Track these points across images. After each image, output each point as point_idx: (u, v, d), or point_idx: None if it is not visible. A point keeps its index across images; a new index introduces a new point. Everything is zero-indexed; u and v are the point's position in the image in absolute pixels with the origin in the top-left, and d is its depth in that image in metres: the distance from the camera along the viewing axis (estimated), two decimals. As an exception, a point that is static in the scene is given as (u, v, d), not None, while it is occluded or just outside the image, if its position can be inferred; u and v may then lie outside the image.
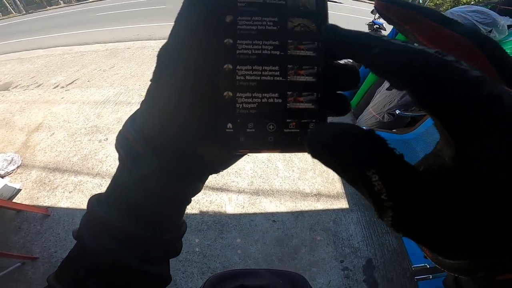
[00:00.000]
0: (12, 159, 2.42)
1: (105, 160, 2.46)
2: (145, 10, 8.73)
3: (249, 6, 0.18)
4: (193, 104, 0.19)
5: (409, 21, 0.15)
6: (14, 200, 2.12)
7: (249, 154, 0.22)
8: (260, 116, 0.18)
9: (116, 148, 0.22)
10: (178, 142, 0.20)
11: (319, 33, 0.19)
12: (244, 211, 2.04)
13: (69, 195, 2.15)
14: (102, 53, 4.89)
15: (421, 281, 1.11)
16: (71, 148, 2.63)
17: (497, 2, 2.70)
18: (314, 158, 0.13)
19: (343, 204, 2.10)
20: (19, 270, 1.68)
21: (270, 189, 2.20)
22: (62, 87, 3.78)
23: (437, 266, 0.15)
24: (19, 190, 2.21)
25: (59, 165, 2.43)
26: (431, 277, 1.08)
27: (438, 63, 0.11)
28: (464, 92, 0.10)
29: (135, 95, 3.45)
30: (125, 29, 6.77)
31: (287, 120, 0.18)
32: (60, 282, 0.23)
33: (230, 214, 2.01)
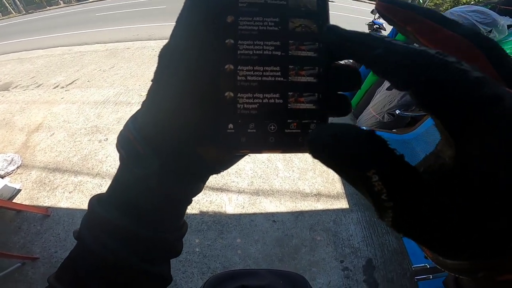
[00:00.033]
0: (12, 160, 2.42)
1: (105, 160, 2.46)
2: (145, 10, 8.73)
3: (250, 6, 0.18)
4: (194, 105, 0.19)
5: (409, 21, 0.15)
6: (14, 201, 2.12)
7: (249, 155, 0.22)
8: (261, 116, 0.18)
9: (117, 148, 0.22)
10: (179, 142, 0.20)
11: (320, 34, 0.18)
12: (244, 211, 2.04)
13: (69, 195, 2.15)
14: (102, 53, 4.88)
15: (421, 281, 1.11)
16: (71, 148, 2.62)
17: (497, 2, 2.70)
18: (315, 159, 0.13)
19: (343, 204, 2.10)
20: (19, 270, 1.68)
21: (270, 189, 2.20)
22: (62, 87, 3.78)
23: (438, 266, 0.15)
24: (19, 191, 2.21)
25: (59, 165, 2.43)
26: (431, 277, 1.08)
27: (439, 64, 0.11)
28: (465, 93, 0.11)
29: (135, 95, 3.45)
30: (125, 29, 6.77)
31: (288, 120, 0.18)
32: (61, 282, 0.23)
33: (230, 214, 2.01)
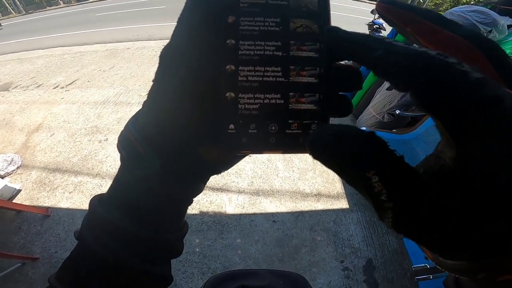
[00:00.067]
0: (12, 160, 2.42)
1: (105, 161, 2.46)
2: (145, 11, 8.73)
3: (251, 6, 0.18)
4: (195, 105, 0.19)
5: (409, 22, 0.15)
6: (14, 201, 2.12)
7: (250, 155, 0.22)
8: (262, 117, 0.18)
9: (118, 149, 0.22)
10: (180, 143, 0.20)
11: (322, 34, 0.18)
12: (244, 211, 2.04)
13: (69, 196, 2.15)
14: (102, 54, 4.88)
15: (421, 281, 1.11)
16: (71, 148, 2.62)
17: (496, 2, 2.70)
18: (315, 159, 0.13)
19: (343, 204, 2.10)
20: (19, 270, 1.68)
21: (270, 189, 2.20)
22: (62, 88, 3.78)
23: (438, 266, 0.15)
24: (19, 191, 2.21)
25: (59, 166, 2.43)
26: (431, 277, 1.08)
27: (440, 65, 0.11)
28: (466, 94, 0.11)
29: (135, 95, 3.45)
30: (124, 29, 6.77)
31: (289, 121, 0.18)
32: (61, 282, 0.23)
33: (230, 215, 2.01)
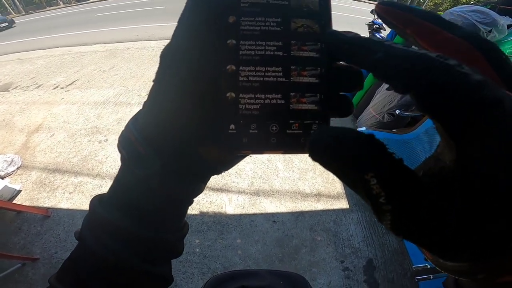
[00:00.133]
0: (12, 160, 2.42)
1: (105, 161, 2.46)
2: (145, 11, 8.74)
3: (252, 6, 0.18)
4: (195, 105, 0.19)
5: (409, 24, 0.15)
6: (14, 201, 2.12)
7: (250, 155, 0.22)
8: (262, 117, 0.18)
9: (119, 149, 0.22)
10: (180, 143, 0.20)
11: (323, 34, 0.18)
12: (244, 211, 2.04)
13: (69, 196, 2.15)
14: (102, 54, 4.89)
15: (422, 281, 1.11)
16: (71, 149, 2.62)
17: (496, 2, 2.70)
18: (315, 161, 0.13)
19: (343, 204, 2.10)
20: (19, 271, 1.68)
21: (270, 189, 2.20)
22: (62, 88, 3.78)
23: (437, 268, 0.15)
24: (19, 191, 2.21)
25: (59, 166, 2.43)
26: (432, 278, 1.08)
27: (440, 67, 0.11)
28: (466, 95, 0.11)
29: (135, 95, 3.45)
30: (124, 29, 6.78)
31: (290, 121, 0.18)
32: (61, 283, 0.23)
33: (230, 215, 2.01)
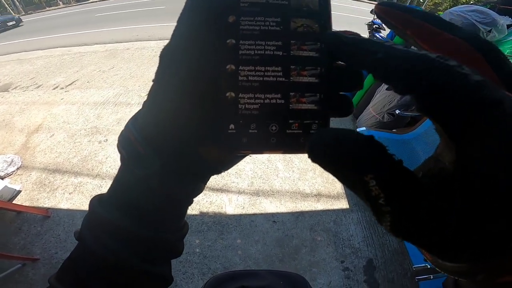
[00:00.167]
0: (12, 161, 2.41)
1: (105, 161, 2.46)
2: (145, 11, 8.74)
3: (251, 6, 0.18)
4: (195, 105, 0.19)
5: (409, 25, 0.15)
6: (14, 202, 2.12)
7: (250, 155, 0.22)
8: (262, 117, 0.18)
9: (118, 149, 0.22)
10: (180, 143, 0.20)
11: (322, 34, 0.18)
12: (244, 211, 2.03)
13: (69, 196, 2.15)
14: (102, 54, 4.89)
15: (422, 281, 1.11)
16: (71, 149, 2.62)
17: (496, 2, 2.70)
18: (314, 162, 0.13)
19: (343, 204, 2.10)
20: (19, 271, 1.68)
21: (270, 189, 2.20)
22: (62, 88, 3.78)
23: (437, 268, 0.15)
24: (19, 192, 2.21)
25: (59, 166, 2.43)
26: (432, 277, 1.08)
27: (440, 68, 0.11)
28: (466, 95, 0.11)
29: (134, 96, 3.45)
30: (124, 29, 6.78)
31: (290, 121, 0.18)
32: (61, 283, 0.23)
33: (230, 215, 2.01)
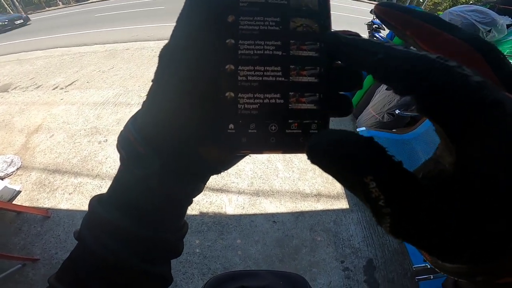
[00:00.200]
0: (12, 161, 2.41)
1: (105, 162, 2.46)
2: (144, 11, 8.74)
3: (251, 6, 0.18)
4: (194, 104, 0.19)
5: (408, 25, 0.15)
6: (14, 202, 2.11)
7: (250, 155, 0.22)
8: (262, 116, 0.18)
9: (118, 149, 0.22)
10: (179, 142, 0.20)
11: (322, 34, 0.18)
12: (244, 212, 2.03)
13: (69, 197, 2.14)
14: (101, 54, 4.88)
15: (422, 281, 1.11)
16: (70, 149, 2.62)
17: (495, 2, 2.71)
18: (314, 164, 0.13)
19: (343, 204, 2.10)
20: (19, 271, 1.67)
21: (270, 189, 2.20)
22: (61, 89, 3.78)
23: (437, 269, 0.15)
24: (19, 192, 2.21)
25: (59, 167, 2.43)
26: (432, 278, 1.08)
27: (440, 69, 0.11)
28: (466, 96, 0.10)
29: (134, 96, 3.44)
30: (124, 30, 6.78)
31: (289, 120, 0.18)
32: (61, 282, 0.23)
33: (230, 215, 2.01)
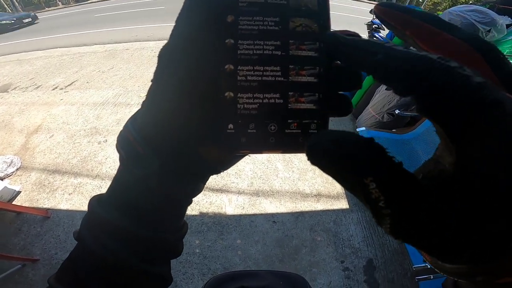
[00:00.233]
0: (12, 161, 2.41)
1: (105, 162, 2.46)
2: (144, 11, 8.74)
3: (250, 6, 0.18)
4: (194, 104, 0.19)
5: (408, 26, 0.15)
6: (14, 202, 2.11)
7: (249, 155, 0.22)
8: (261, 116, 0.18)
9: (117, 149, 0.22)
10: (179, 143, 0.20)
11: (321, 34, 0.18)
12: (244, 212, 2.03)
13: (68, 197, 2.14)
14: (101, 54, 4.88)
15: (422, 281, 1.11)
16: (70, 150, 2.62)
17: (495, 1, 2.71)
18: (313, 165, 0.13)
19: (343, 204, 2.10)
20: (19, 272, 1.67)
21: (270, 190, 2.20)
22: (61, 89, 3.78)
23: (436, 270, 0.15)
24: (19, 192, 2.21)
25: (59, 167, 2.43)
26: (432, 278, 1.08)
27: (441, 69, 0.11)
28: (466, 96, 0.10)
29: (134, 96, 3.44)
30: (123, 30, 6.78)
31: (289, 120, 0.18)
32: (61, 283, 0.23)
33: (230, 215, 2.01)
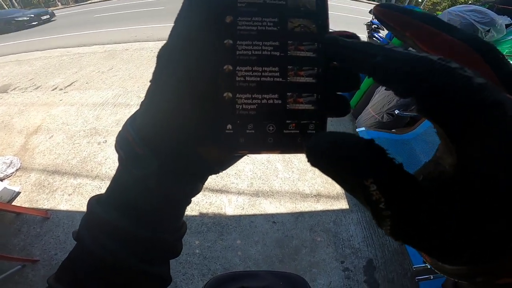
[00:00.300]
0: (11, 162, 2.41)
1: (104, 163, 2.45)
2: (143, 12, 8.74)
3: (249, 6, 0.18)
4: (192, 105, 0.19)
5: (408, 27, 0.15)
6: (13, 203, 2.11)
7: (248, 155, 0.22)
8: (260, 117, 0.18)
9: (116, 149, 0.22)
10: (177, 143, 0.20)
11: (320, 34, 0.18)
12: (244, 212, 2.03)
13: (68, 198, 2.14)
14: (101, 55, 4.88)
15: (422, 281, 1.11)
16: (70, 150, 2.62)
17: (494, 1, 2.71)
18: (313, 166, 0.13)
19: (343, 204, 2.10)
20: (19, 272, 1.67)
21: (269, 190, 2.20)
22: (61, 89, 3.78)
23: (436, 271, 0.15)
24: (19, 193, 2.21)
25: (58, 168, 2.42)
26: (432, 278, 1.08)
27: (441, 70, 0.11)
28: (466, 96, 0.10)
29: (134, 96, 3.44)
30: (123, 30, 6.78)
31: (287, 121, 0.18)
32: (60, 283, 0.23)
33: (230, 216, 2.01)
